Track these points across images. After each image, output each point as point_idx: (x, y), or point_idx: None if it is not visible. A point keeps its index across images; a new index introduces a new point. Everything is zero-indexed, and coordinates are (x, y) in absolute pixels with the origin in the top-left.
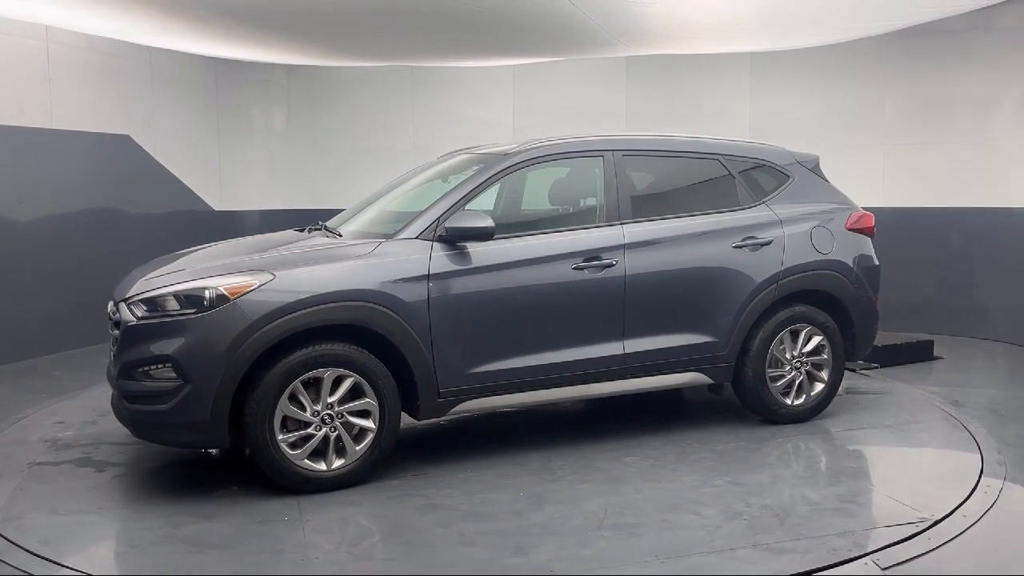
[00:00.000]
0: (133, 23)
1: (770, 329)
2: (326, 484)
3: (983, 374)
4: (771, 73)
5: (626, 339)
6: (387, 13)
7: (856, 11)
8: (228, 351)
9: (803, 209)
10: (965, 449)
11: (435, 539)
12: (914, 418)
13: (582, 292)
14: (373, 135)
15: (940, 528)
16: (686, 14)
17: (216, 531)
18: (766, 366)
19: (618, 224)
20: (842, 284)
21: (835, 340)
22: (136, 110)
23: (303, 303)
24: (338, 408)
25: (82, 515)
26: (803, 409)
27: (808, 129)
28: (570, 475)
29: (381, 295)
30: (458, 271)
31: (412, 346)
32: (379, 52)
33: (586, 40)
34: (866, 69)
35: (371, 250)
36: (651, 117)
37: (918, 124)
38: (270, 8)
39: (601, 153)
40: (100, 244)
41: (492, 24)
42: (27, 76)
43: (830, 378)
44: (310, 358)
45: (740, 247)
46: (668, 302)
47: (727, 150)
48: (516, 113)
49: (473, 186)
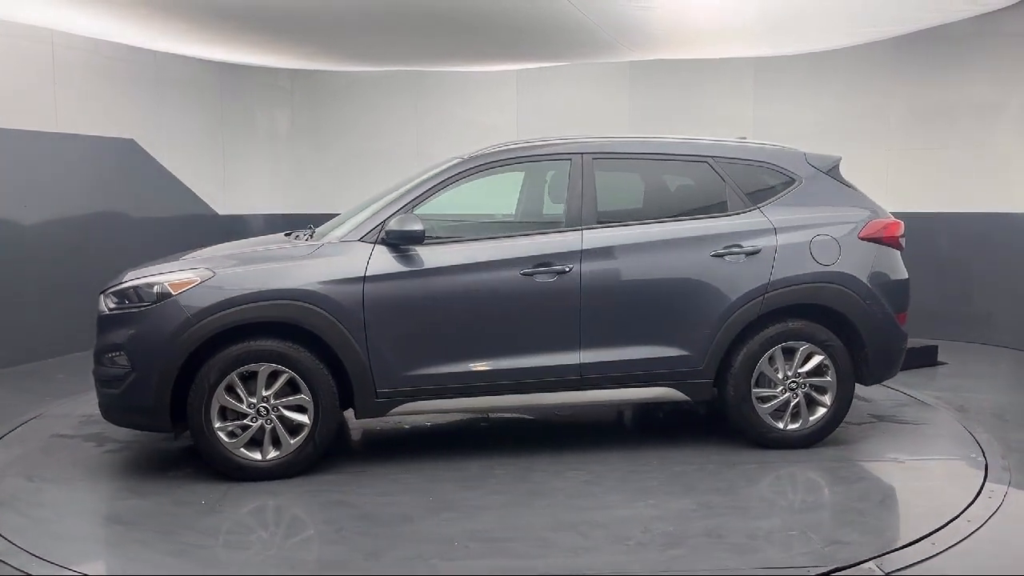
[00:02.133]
0: (138, 27)
1: (756, 345)
2: (261, 473)
3: (987, 379)
4: (775, 78)
5: (583, 349)
6: (391, 17)
7: (860, 16)
8: (167, 343)
9: (806, 216)
10: (969, 454)
11: (310, 535)
12: (918, 423)
13: (531, 299)
14: (377, 140)
15: (944, 533)
16: (690, 18)
17: (137, 507)
18: (752, 385)
19: (578, 230)
20: (849, 299)
21: (841, 361)
22: (141, 114)
23: (236, 300)
24: (273, 401)
25: (48, 483)
26: (799, 435)
27: (812, 134)
28: (497, 485)
29: (313, 294)
30: (396, 274)
31: (346, 346)
32: (383, 56)
33: (590, 44)
34: (870, 74)
35: (313, 251)
36: (654, 122)
37: (922, 129)
38: (274, 12)
39: (569, 156)
40: (104, 248)
41: (496, 28)
42: (32, 80)
43: (834, 403)
44: (244, 353)
45: (720, 256)
46: (632, 312)
47: (721, 152)
48: (520, 118)
49: (423, 190)
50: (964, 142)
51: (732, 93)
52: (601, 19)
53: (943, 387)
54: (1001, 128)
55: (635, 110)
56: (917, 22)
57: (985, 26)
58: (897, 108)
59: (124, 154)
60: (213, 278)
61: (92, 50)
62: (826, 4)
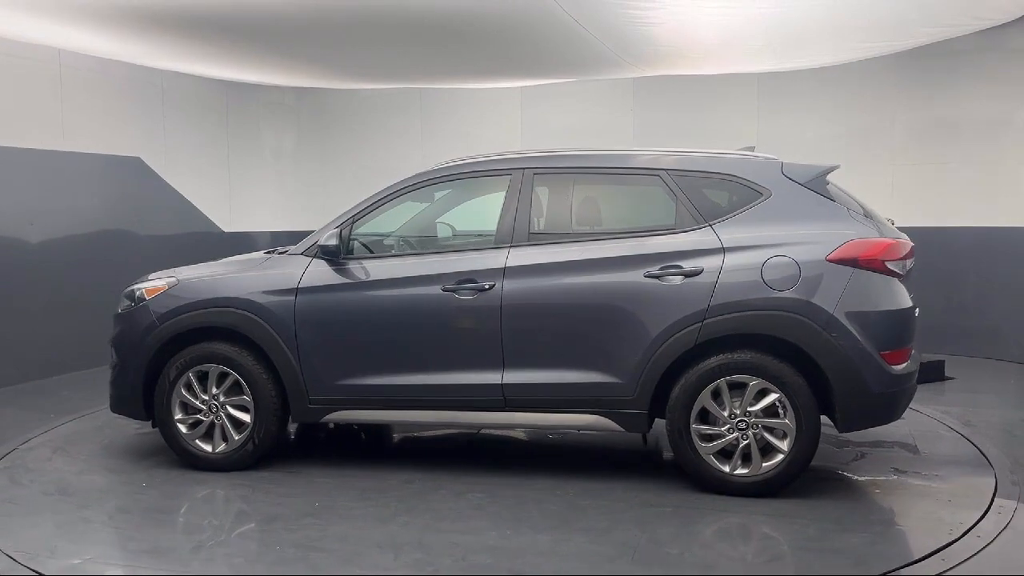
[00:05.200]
0: (144, 46)
1: (695, 377)
2: (211, 464)
3: (995, 394)
4: (779, 93)
5: (506, 370)
6: (396, 35)
7: (864, 31)
8: (139, 341)
9: (764, 234)
10: (978, 469)
11: (186, 523)
12: (926, 438)
13: (451, 315)
14: (382, 157)
15: (954, 549)
16: (694, 35)
17: (91, 483)
18: (691, 421)
19: (504, 247)
20: (808, 331)
21: (801, 401)
22: (147, 132)
23: (189, 307)
24: (222, 400)
25: (60, 454)
26: (748, 481)
27: (817, 149)
28: (386, 498)
29: (251, 304)
30: (324, 287)
31: (279, 353)
32: (388, 74)
33: (594, 61)
34: (874, 89)
35: (261, 263)
36: (658, 138)
37: (926, 143)
38: (280, 31)
39: (509, 172)
40: (110, 265)
41: (500, 45)
42: (40, 98)
43: (792, 449)
44: (198, 354)
45: (655, 277)
46: (557, 334)
47: (676, 164)
48: (524, 134)
49: (365, 206)
50: (968, 156)
51: (736, 108)
52: (605, 36)
53: (951, 402)
54: (1005, 142)
55: (639, 126)
56: (921, 37)
57: (989, 41)
58: (901, 123)
59: (130, 172)
60: (176, 286)
61: (99, 69)
62: (830, 20)
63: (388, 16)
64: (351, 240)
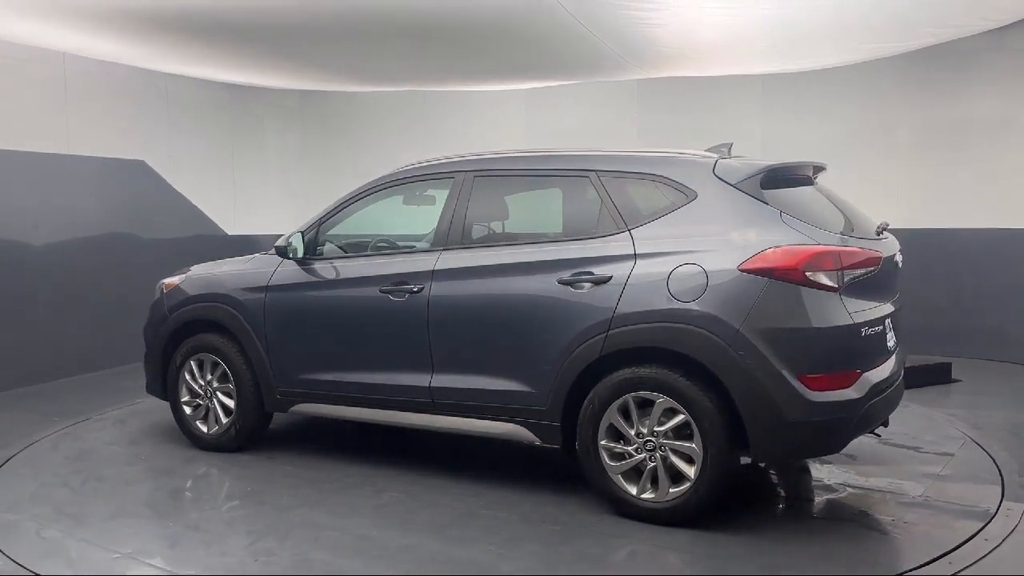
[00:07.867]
0: (149, 49)
1: (604, 390)
2: (206, 444)
3: (1003, 397)
4: (783, 95)
5: (434, 373)
6: (400, 37)
7: (869, 32)
8: (157, 330)
9: (678, 240)
10: (986, 472)
11: (136, 495)
12: (933, 441)
13: (385, 316)
14: (386, 160)
15: (961, 552)
16: (698, 36)
17: (91, 454)
18: (598, 436)
19: (436, 251)
20: (713, 347)
21: (709, 423)
22: (151, 136)
23: (188, 300)
24: (215, 385)
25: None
26: (655, 507)
27: (821, 150)
28: (318, 493)
29: (232, 299)
30: (286, 285)
31: (252, 346)
32: (392, 77)
33: (598, 63)
34: (878, 90)
35: (247, 262)
36: (663, 140)
37: (931, 144)
38: (284, 33)
39: (452, 175)
40: (115, 269)
41: (504, 47)
42: (44, 102)
43: (699, 476)
44: (194, 344)
45: (567, 283)
46: (477, 339)
47: (606, 165)
48: (529, 137)
49: (327, 210)
50: (974, 157)
51: (741, 110)
52: (609, 38)
53: (957, 404)
54: (1011, 143)
55: (644, 128)
56: (926, 38)
57: (994, 41)
58: (906, 124)
59: (135, 175)
60: (185, 281)
61: (103, 72)
62: (834, 21)
63: (392, 19)
64: (320, 242)
